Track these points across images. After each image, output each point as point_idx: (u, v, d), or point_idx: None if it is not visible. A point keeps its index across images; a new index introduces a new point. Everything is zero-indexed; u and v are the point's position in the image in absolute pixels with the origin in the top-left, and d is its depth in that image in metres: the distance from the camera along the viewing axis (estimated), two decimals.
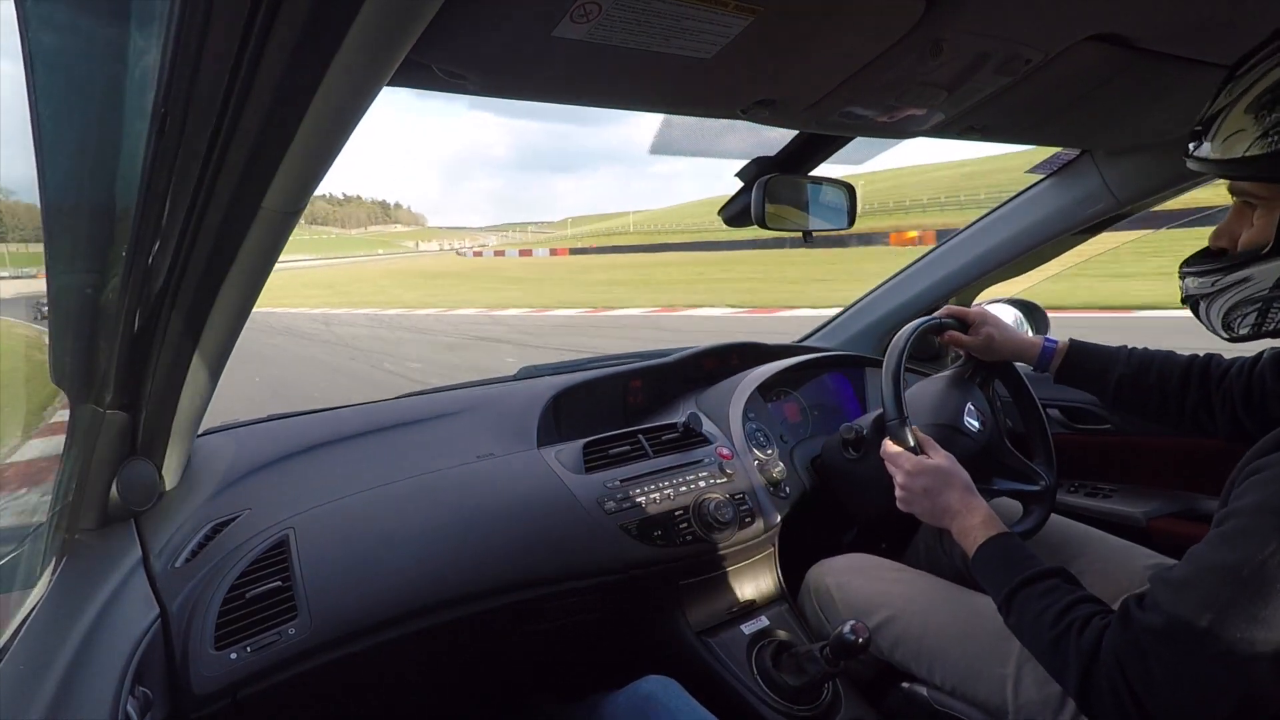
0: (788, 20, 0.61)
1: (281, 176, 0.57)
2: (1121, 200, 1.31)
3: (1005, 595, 0.77)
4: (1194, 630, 0.58)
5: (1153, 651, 0.61)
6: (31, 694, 0.58)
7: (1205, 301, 0.72)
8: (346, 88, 0.49)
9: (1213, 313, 0.72)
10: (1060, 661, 0.69)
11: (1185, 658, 0.59)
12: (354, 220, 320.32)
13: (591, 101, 0.78)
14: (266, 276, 0.72)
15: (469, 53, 0.60)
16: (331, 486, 1.05)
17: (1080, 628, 0.68)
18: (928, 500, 0.90)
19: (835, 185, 1.16)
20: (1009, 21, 0.68)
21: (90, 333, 0.70)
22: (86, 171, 0.58)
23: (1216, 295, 0.70)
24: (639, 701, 0.85)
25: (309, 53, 0.45)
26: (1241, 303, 0.69)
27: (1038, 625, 0.72)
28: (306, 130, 0.52)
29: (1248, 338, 0.70)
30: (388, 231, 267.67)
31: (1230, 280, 0.69)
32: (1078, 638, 0.68)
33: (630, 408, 1.47)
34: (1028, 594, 0.75)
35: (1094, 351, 1.02)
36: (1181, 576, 0.62)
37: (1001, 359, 1.11)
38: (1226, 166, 0.66)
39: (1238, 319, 0.69)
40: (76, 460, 0.81)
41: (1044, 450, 1.14)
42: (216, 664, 0.78)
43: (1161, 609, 0.62)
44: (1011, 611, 0.76)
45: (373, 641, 0.88)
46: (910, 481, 0.91)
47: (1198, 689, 0.59)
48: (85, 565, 0.81)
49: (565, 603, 1.03)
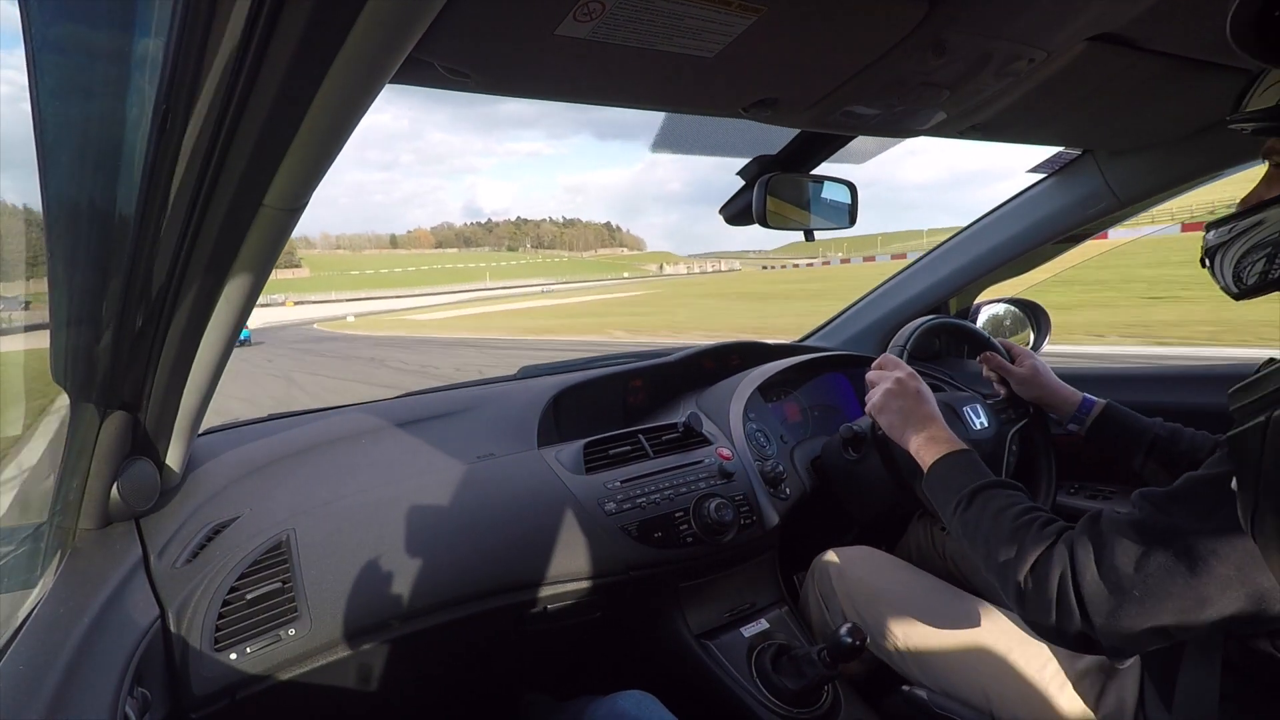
0: (790, 20, 0.61)
1: (283, 174, 0.56)
2: (1123, 200, 1.31)
3: (968, 492, 0.77)
4: (1170, 530, 0.59)
5: (1115, 540, 0.61)
6: (31, 694, 0.58)
7: (1220, 252, 0.73)
8: (349, 85, 0.49)
9: (1225, 263, 0.72)
10: (1013, 552, 0.69)
11: (1146, 555, 0.59)
12: (582, 242, 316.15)
13: (593, 100, 0.78)
14: (268, 274, 0.72)
15: (472, 51, 0.60)
16: (332, 487, 1.05)
17: (1044, 523, 0.69)
18: (899, 415, 0.90)
19: (837, 184, 1.15)
20: (1011, 22, 0.68)
21: (91, 331, 0.70)
22: (88, 168, 0.58)
23: (1231, 243, 0.71)
24: (615, 718, 0.85)
25: (312, 50, 0.45)
26: (1253, 249, 0.69)
27: (999, 519, 0.72)
28: (309, 128, 0.52)
29: (1255, 289, 0.70)
30: (617, 255, 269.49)
31: (1244, 225, 0.70)
32: (1040, 530, 0.68)
33: (630, 408, 1.47)
34: (993, 494, 0.76)
35: (1129, 416, 1.02)
36: (1170, 491, 0.62)
37: (1038, 398, 1.10)
38: (1268, 115, 0.66)
39: (1247, 267, 0.70)
40: (77, 459, 0.81)
41: (1046, 490, 1.15)
42: (216, 665, 0.78)
43: (1142, 508, 0.62)
44: (972, 505, 0.76)
45: (372, 642, 0.88)
46: (892, 392, 0.92)
47: (1143, 590, 0.59)
48: (85, 565, 0.81)
49: (565, 604, 1.03)
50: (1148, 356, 6.77)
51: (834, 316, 1.88)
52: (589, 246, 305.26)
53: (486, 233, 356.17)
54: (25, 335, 0.84)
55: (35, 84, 0.49)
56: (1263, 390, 0.55)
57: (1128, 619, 0.59)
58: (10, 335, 0.89)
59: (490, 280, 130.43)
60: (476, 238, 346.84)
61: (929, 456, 0.83)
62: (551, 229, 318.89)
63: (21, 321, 0.85)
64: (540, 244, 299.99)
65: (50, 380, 0.74)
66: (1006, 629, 0.92)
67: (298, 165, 0.56)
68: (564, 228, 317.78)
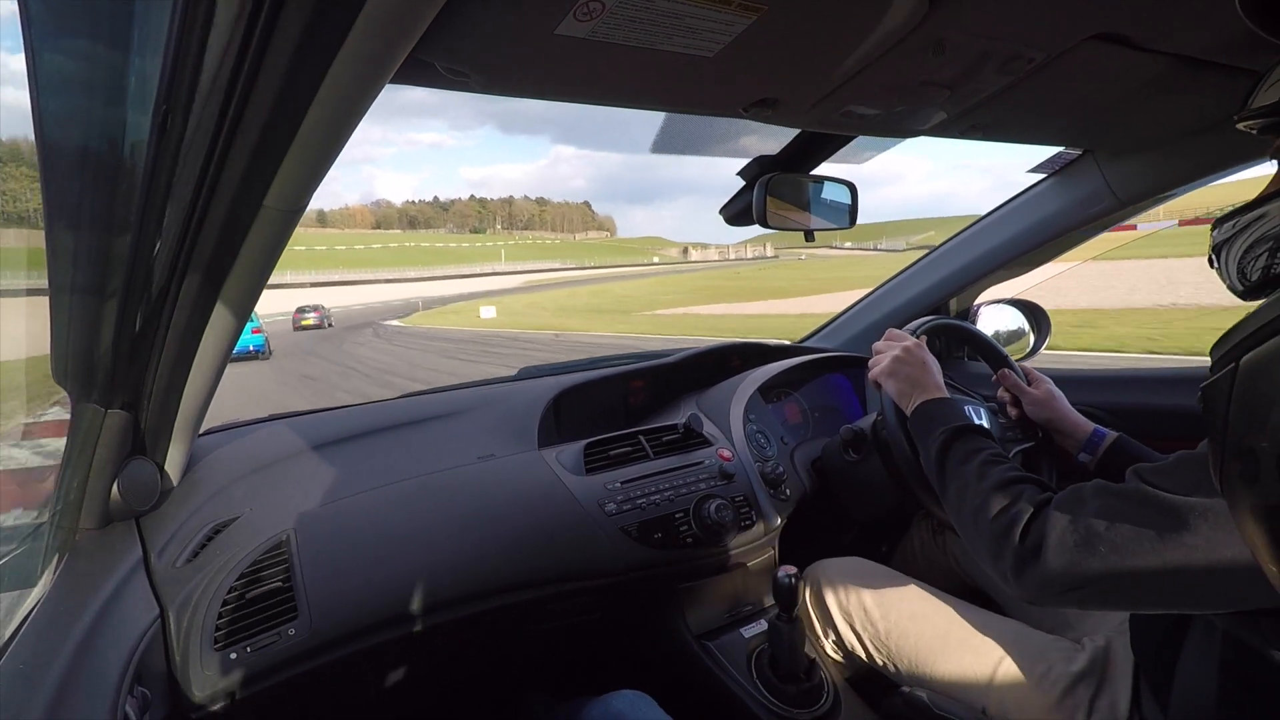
0: (790, 19, 0.61)
1: (284, 175, 0.57)
2: (1123, 200, 1.31)
3: (959, 428, 0.80)
4: (1149, 498, 0.59)
5: (1096, 500, 0.62)
6: (31, 693, 0.58)
7: (1225, 248, 0.72)
8: (349, 86, 0.49)
9: (1230, 259, 0.72)
10: (990, 490, 0.71)
11: (1121, 515, 0.60)
12: (566, 223, 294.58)
13: (593, 100, 0.78)
14: (269, 275, 0.72)
15: (471, 51, 0.60)
16: (332, 487, 1.05)
17: (1026, 479, 0.71)
18: (906, 382, 0.93)
19: (837, 184, 1.15)
20: (1011, 21, 0.68)
21: (92, 331, 0.70)
22: (89, 169, 0.58)
23: (1235, 238, 0.71)
24: (610, 718, 0.84)
25: (313, 51, 0.45)
26: (1256, 242, 0.69)
27: (985, 461, 0.75)
28: (309, 128, 0.52)
29: (1259, 286, 0.70)
30: (605, 239, 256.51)
31: (1248, 219, 0.69)
32: (1020, 480, 0.71)
33: (631, 409, 1.47)
34: (981, 441, 0.79)
35: (1142, 450, 1.00)
36: (1160, 465, 0.62)
37: (1049, 421, 1.08)
38: (1274, 110, 0.65)
39: (1251, 262, 0.69)
40: (78, 459, 0.81)
41: None
42: (216, 664, 0.78)
43: (1129, 479, 0.62)
44: (959, 440, 0.79)
45: (372, 642, 0.88)
46: (900, 359, 0.95)
47: (1109, 547, 0.59)
48: (86, 564, 0.81)
49: (565, 604, 1.03)
50: None
51: (834, 317, 1.88)
52: (574, 229, 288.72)
53: (440, 211, 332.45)
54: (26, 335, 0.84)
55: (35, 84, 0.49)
56: (1235, 338, 0.52)
57: (1086, 571, 0.60)
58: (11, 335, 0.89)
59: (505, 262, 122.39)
60: (426, 217, 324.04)
61: (924, 399, 0.88)
62: (528, 207, 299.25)
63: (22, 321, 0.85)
64: (513, 225, 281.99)
65: (51, 379, 0.75)
66: (1001, 634, 0.91)
67: (298, 166, 0.56)
68: (541, 206, 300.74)
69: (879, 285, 1.80)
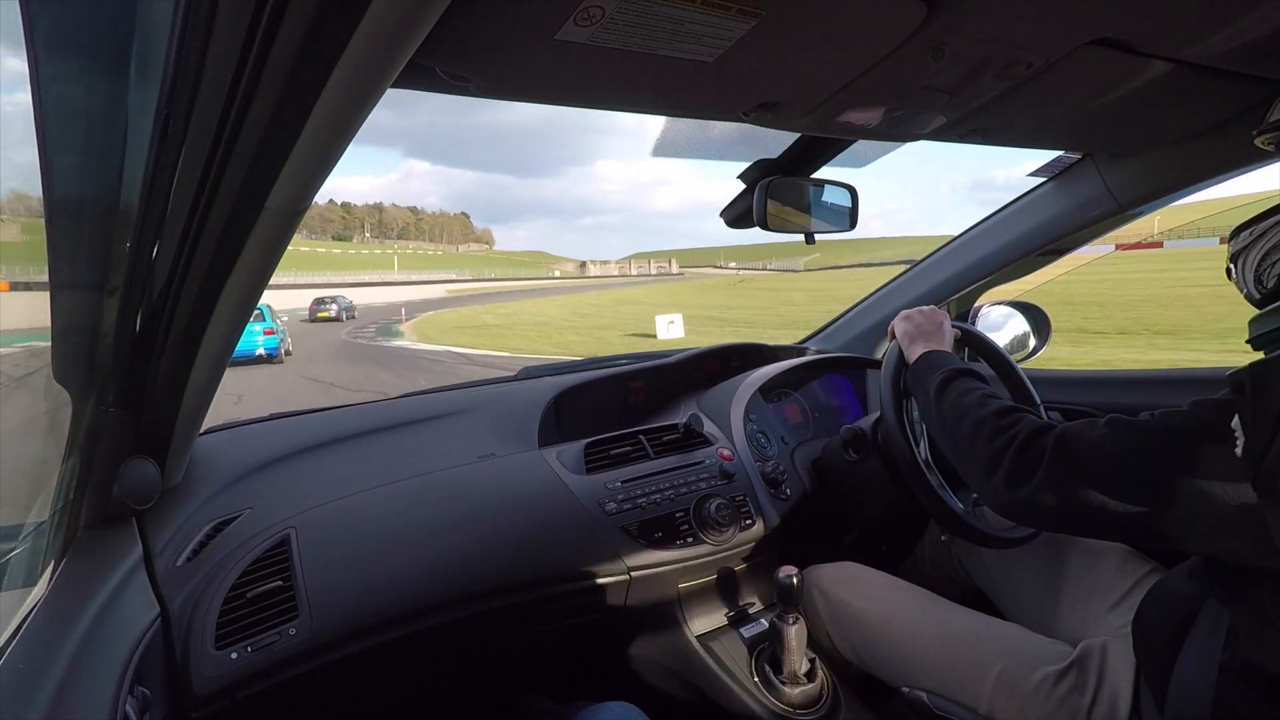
0: (790, 24, 0.61)
1: (285, 177, 0.57)
2: (1123, 204, 1.31)
3: (961, 369, 0.85)
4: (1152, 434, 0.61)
5: (1097, 431, 0.64)
6: (31, 693, 0.58)
7: (1242, 256, 0.73)
8: (351, 90, 0.49)
9: (1247, 266, 0.73)
10: (991, 416, 0.74)
11: (1117, 446, 0.61)
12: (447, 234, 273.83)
13: (594, 104, 0.78)
14: (269, 276, 0.72)
15: (472, 56, 0.61)
16: (333, 486, 1.05)
17: (1025, 413, 0.74)
18: (917, 329, 1.02)
19: (837, 187, 1.16)
20: (1010, 26, 0.68)
21: (93, 331, 0.70)
22: (90, 170, 0.58)
23: (1251, 246, 0.72)
24: None
25: (314, 55, 0.45)
26: (1273, 249, 0.70)
27: (995, 399, 0.78)
28: (310, 131, 0.52)
29: (1275, 292, 0.70)
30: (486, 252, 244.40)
31: (1264, 227, 0.71)
32: (1033, 417, 0.73)
33: (631, 408, 1.47)
34: (986, 385, 0.82)
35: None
36: (1181, 408, 0.63)
37: None
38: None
39: (1267, 269, 0.70)
40: (78, 458, 0.81)
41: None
42: (217, 663, 0.78)
43: (1140, 416, 0.64)
44: (959, 379, 0.83)
45: (373, 642, 0.88)
46: (922, 312, 1.05)
47: (1097, 476, 0.61)
48: (86, 564, 0.81)
49: (565, 604, 1.03)
50: None
51: (833, 319, 1.88)
52: (454, 240, 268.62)
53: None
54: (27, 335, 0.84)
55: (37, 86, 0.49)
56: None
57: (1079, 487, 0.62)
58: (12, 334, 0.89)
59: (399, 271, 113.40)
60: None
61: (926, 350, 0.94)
62: (401, 215, 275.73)
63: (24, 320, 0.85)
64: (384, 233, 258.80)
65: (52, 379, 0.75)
66: (1000, 637, 0.91)
67: (299, 168, 0.56)
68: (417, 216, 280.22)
69: (879, 287, 1.80)
